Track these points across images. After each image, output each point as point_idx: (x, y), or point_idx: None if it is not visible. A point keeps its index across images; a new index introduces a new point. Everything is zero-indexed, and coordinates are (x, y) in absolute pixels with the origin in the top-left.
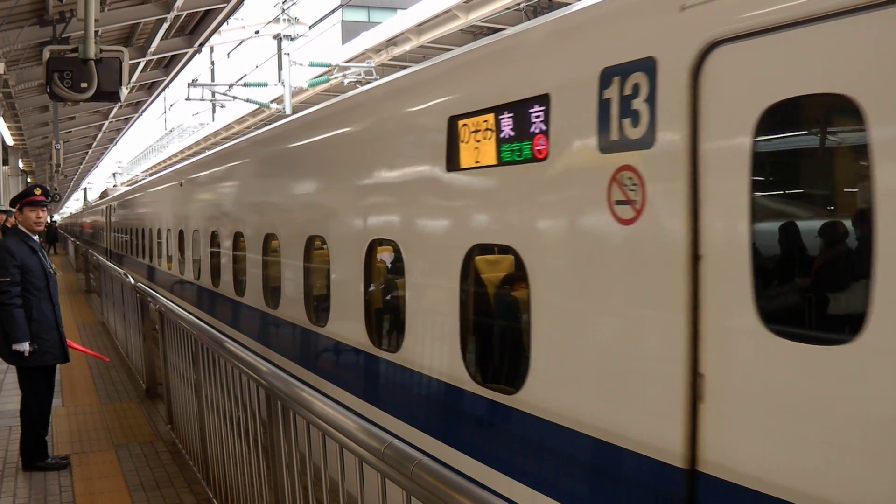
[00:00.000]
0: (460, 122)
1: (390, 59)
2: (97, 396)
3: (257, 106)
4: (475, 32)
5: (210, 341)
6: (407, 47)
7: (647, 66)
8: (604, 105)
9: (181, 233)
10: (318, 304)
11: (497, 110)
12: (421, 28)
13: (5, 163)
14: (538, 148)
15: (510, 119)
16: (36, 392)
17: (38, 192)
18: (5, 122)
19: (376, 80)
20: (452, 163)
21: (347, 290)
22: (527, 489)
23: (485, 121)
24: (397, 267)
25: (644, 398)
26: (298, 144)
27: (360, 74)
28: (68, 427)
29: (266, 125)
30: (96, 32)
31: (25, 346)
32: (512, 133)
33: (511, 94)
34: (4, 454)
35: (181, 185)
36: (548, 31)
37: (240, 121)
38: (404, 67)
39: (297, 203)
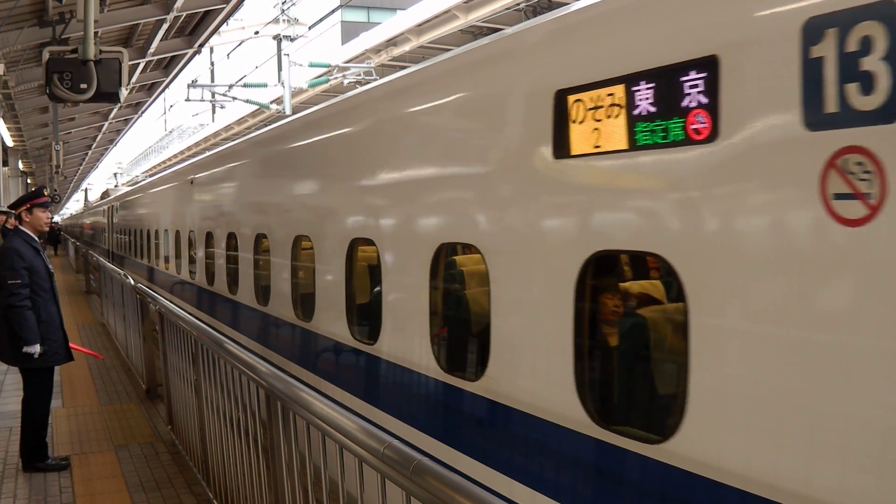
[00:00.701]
0: (571, 98)
1: (390, 60)
2: (97, 397)
3: (257, 107)
4: (475, 33)
5: (210, 342)
6: (407, 48)
7: (887, 11)
8: (811, 66)
9: (191, 234)
10: (368, 321)
11: (629, 80)
12: (421, 28)
13: (5, 164)
14: (695, 127)
15: (650, 91)
16: (41, 393)
17: (46, 192)
18: (5, 123)
19: (375, 80)
20: (561, 149)
21: (409, 305)
22: None
23: (609, 94)
24: (481, 278)
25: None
26: (336, 133)
27: (359, 75)
28: (68, 428)
29: (266, 125)
30: (96, 33)
31: (37, 348)
32: (652, 108)
33: (652, 59)
34: (4, 455)
35: (191, 182)
36: None
37: (240, 121)
38: (404, 68)
39: (336, 202)
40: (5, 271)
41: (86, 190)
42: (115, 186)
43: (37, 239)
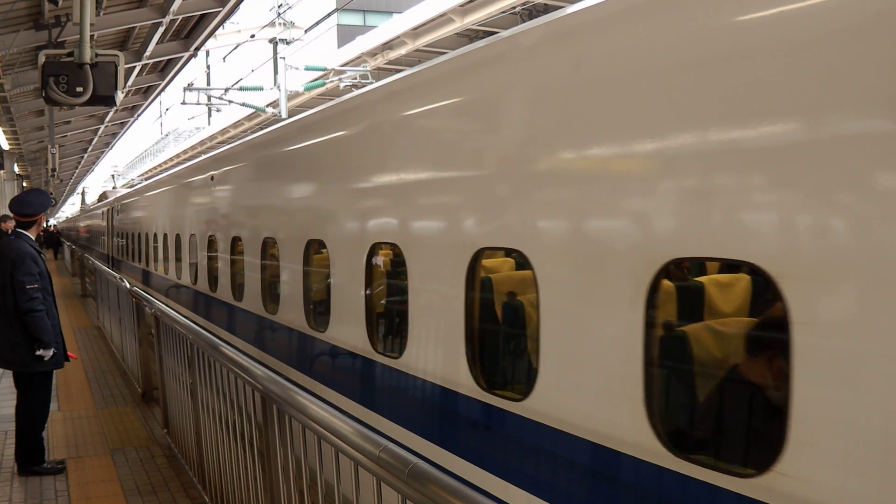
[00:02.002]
0: None
1: (386, 63)
2: (93, 401)
3: (253, 110)
4: (471, 36)
5: (205, 345)
6: (403, 51)
7: None
8: None
9: (211, 239)
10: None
11: None
12: (417, 32)
13: (1, 167)
14: None
15: None
16: (45, 396)
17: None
18: (1, 126)
19: (371, 83)
20: None
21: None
22: None
23: None
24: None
25: None
26: (405, 115)
27: (355, 78)
28: (64, 431)
29: (262, 128)
30: (92, 37)
31: (51, 352)
32: None
33: None
34: (0, 459)
35: (212, 178)
36: None
37: (235, 125)
38: (399, 71)
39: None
40: (23, 276)
41: (83, 191)
42: (113, 188)
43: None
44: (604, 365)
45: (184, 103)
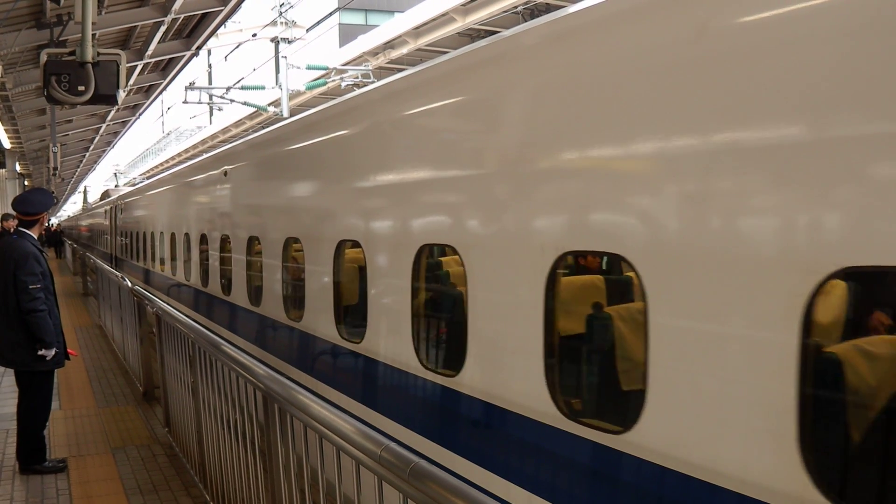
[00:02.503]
0: None
1: (388, 62)
2: (94, 400)
3: (255, 109)
4: (472, 35)
5: (207, 344)
6: (404, 50)
7: None
8: None
9: (225, 238)
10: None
11: None
12: (418, 31)
13: (2, 166)
14: None
15: None
16: (47, 395)
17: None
18: (2, 125)
19: (373, 82)
20: None
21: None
22: None
23: None
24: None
25: None
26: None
27: (357, 77)
28: (65, 430)
29: (263, 127)
30: (94, 35)
31: (53, 351)
32: None
33: None
34: (1, 457)
35: (225, 174)
36: None
37: (237, 124)
38: (401, 70)
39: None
40: (27, 276)
41: (85, 189)
42: (116, 186)
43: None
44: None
45: (185, 102)
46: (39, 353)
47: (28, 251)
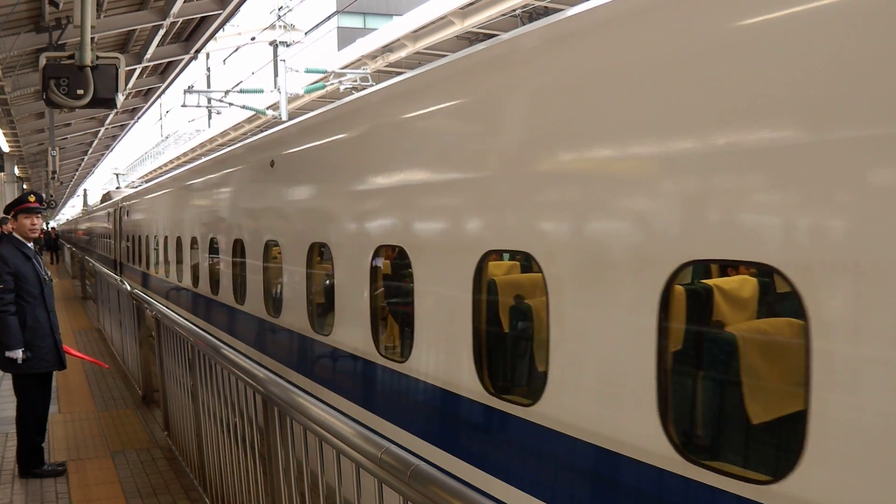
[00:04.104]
0: None
1: (386, 66)
2: (93, 403)
3: (253, 112)
4: (471, 39)
5: (207, 347)
6: (403, 53)
7: None
8: None
9: (269, 245)
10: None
11: None
12: (417, 34)
13: (1, 169)
14: None
15: None
16: (29, 399)
17: (32, 199)
18: (1, 128)
19: (371, 85)
20: None
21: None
22: None
23: None
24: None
25: None
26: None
27: (356, 81)
28: (65, 434)
29: (262, 131)
30: (92, 39)
31: (18, 354)
32: None
33: None
34: (1, 461)
35: (272, 164)
36: None
37: (235, 127)
38: (400, 74)
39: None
40: None
41: (85, 192)
42: (117, 188)
43: (28, 245)
44: None
45: (184, 105)
46: (6, 355)
47: None
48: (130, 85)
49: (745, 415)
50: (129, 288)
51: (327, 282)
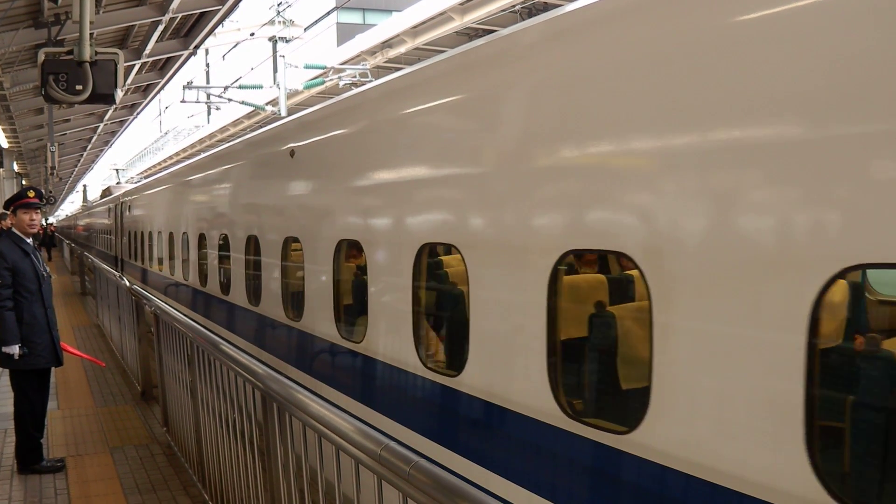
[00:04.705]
0: None
1: (385, 62)
2: (92, 399)
3: (252, 108)
4: (470, 34)
5: (206, 343)
6: (402, 49)
7: None
8: None
9: (289, 242)
10: None
11: None
12: (416, 30)
13: (0, 165)
14: None
15: None
16: (26, 395)
17: (31, 194)
18: (0, 124)
19: (371, 81)
20: None
21: None
22: None
23: None
24: None
25: None
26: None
27: (355, 76)
28: (64, 430)
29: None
30: (91, 35)
31: (15, 350)
32: None
33: None
34: (0, 457)
35: (292, 154)
36: None
37: (235, 123)
38: (399, 69)
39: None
40: None
41: (84, 188)
42: (118, 183)
43: (27, 240)
44: None
45: (183, 101)
46: (2, 350)
47: None
48: (129, 80)
49: None
50: (128, 284)
51: (359, 283)
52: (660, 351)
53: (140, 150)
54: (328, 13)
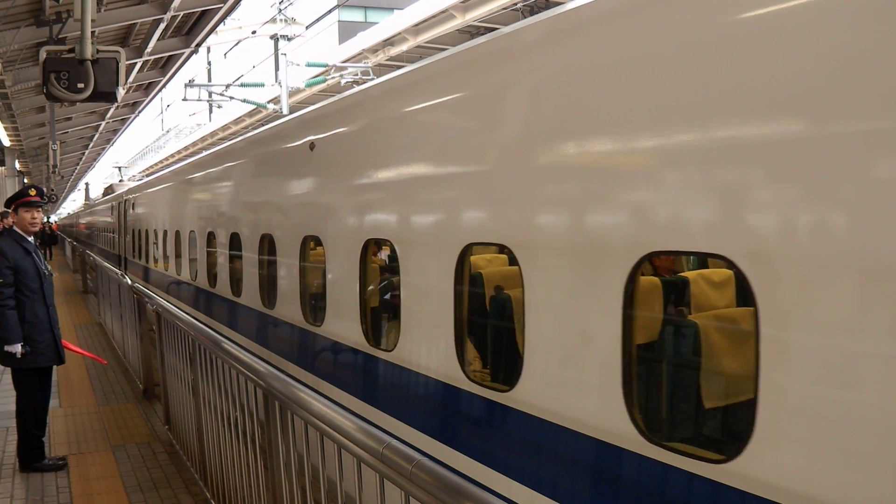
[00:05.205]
0: None
1: (387, 60)
2: (94, 397)
3: (254, 106)
4: (472, 32)
5: (207, 342)
6: (404, 47)
7: None
8: None
9: (309, 241)
10: None
11: None
12: (418, 28)
13: (2, 163)
14: None
15: None
16: (28, 394)
17: (32, 192)
18: (2, 122)
19: (372, 79)
20: None
21: None
22: None
23: None
24: None
25: None
26: None
27: (356, 74)
28: (65, 428)
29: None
30: (93, 33)
31: (17, 348)
32: None
33: None
34: (1, 455)
35: (312, 146)
36: None
37: (237, 121)
38: (401, 67)
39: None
40: None
41: (87, 186)
42: (120, 181)
43: (29, 239)
44: None
45: (185, 99)
46: (5, 349)
47: None
48: (131, 79)
49: None
50: (129, 282)
51: (390, 287)
52: (770, 371)
53: (142, 149)
54: (330, 11)
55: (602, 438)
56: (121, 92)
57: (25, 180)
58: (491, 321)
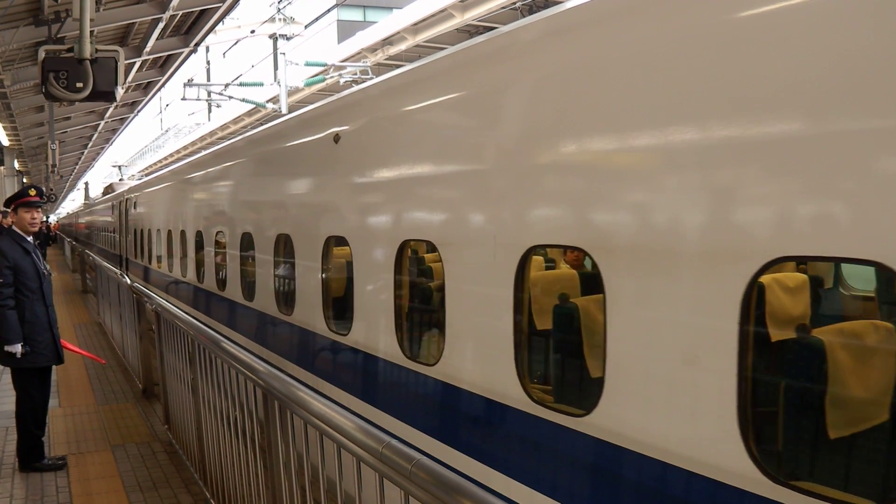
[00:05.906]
0: None
1: (386, 59)
2: (94, 397)
3: (253, 106)
4: (471, 31)
5: (207, 341)
6: (403, 46)
7: None
8: None
9: (332, 242)
10: None
11: None
12: (417, 27)
13: (1, 163)
14: None
15: None
16: (28, 393)
17: (32, 192)
18: (1, 122)
19: (371, 78)
20: None
21: None
22: None
23: None
24: None
25: None
26: None
27: (356, 74)
28: (65, 427)
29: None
30: (92, 32)
31: (17, 348)
32: None
33: None
34: (1, 455)
35: (336, 139)
36: None
37: (236, 120)
38: (400, 67)
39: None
40: None
41: (86, 185)
42: (120, 180)
43: (28, 238)
44: None
45: (184, 99)
46: (5, 349)
47: None
48: (130, 78)
49: None
50: (128, 282)
51: (431, 293)
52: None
53: (141, 148)
54: (329, 10)
55: (714, 477)
56: (120, 91)
57: (24, 180)
58: (561, 335)
